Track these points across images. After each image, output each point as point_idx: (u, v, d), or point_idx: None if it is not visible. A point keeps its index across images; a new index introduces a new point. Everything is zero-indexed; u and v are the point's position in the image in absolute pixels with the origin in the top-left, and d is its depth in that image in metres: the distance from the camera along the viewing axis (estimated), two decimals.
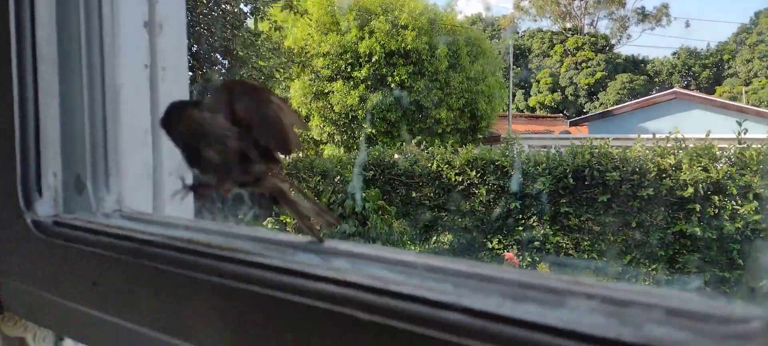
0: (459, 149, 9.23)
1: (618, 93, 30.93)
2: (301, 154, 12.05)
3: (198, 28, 8.67)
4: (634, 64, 34.46)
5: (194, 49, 8.95)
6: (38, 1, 0.71)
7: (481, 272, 0.46)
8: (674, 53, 36.53)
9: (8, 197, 0.73)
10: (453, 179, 8.36)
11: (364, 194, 6.51)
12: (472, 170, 8.30)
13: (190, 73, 8.87)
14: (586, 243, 7.57)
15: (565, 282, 0.43)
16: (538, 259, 7.74)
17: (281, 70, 10.37)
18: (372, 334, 0.44)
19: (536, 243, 7.83)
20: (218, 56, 9.14)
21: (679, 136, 7.37)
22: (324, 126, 12.75)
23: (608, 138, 8.20)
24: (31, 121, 0.72)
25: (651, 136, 7.75)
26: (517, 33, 37.15)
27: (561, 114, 28.77)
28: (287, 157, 10.67)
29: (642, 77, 32.75)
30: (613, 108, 21.63)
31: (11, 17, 0.70)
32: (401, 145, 9.72)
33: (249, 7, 9.56)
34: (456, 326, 0.40)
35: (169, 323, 0.57)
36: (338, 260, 0.52)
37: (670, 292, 0.38)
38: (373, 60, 12.40)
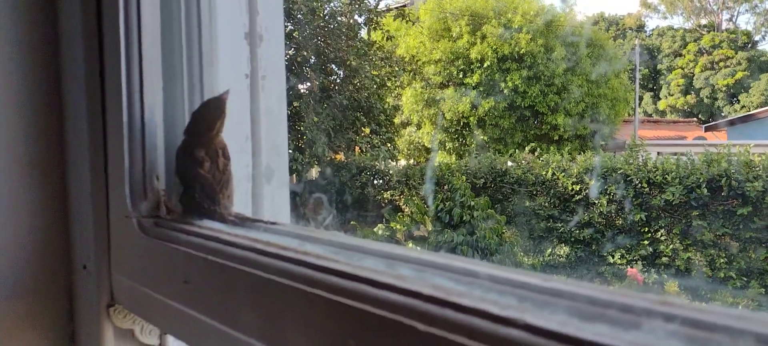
0: (576, 157, 8.80)
1: (762, 95, 27.80)
2: (412, 162, 12.18)
3: (315, 40, 9.07)
4: None
5: (312, 60, 9.36)
6: (144, 10, 0.77)
7: (550, 286, 0.42)
8: None
9: (118, 199, 0.80)
10: (570, 188, 7.97)
11: (472, 203, 6.40)
12: (591, 179, 7.87)
13: (308, 83, 9.30)
14: (722, 261, 6.86)
15: (646, 300, 0.38)
16: (665, 276, 7.14)
17: (393, 79, 10.54)
18: (427, 345, 0.42)
19: (664, 259, 7.24)
20: (333, 67, 9.49)
21: None
22: (435, 133, 12.75)
23: (749, 144, 7.40)
24: (138, 126, 0.78)
25: None
26: (644, 32, 34.76)
27: (695, 118, 26.47)
28: (397, 164, 10.81)
29: None
30: (756, 111, 19.48)
31: (121, 26, 0.77)
32: (514, 152, 9.46)
33: (363, 17, 9.84)
34: (515, 343, 0.37)
35: (237, 320, 0.58)
36: (404, 268, 0.50)
37: (766, 315, 0.32)
38: (485, 65, 12.21)
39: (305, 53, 8.92)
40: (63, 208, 0.92)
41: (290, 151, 8.43)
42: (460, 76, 12.57)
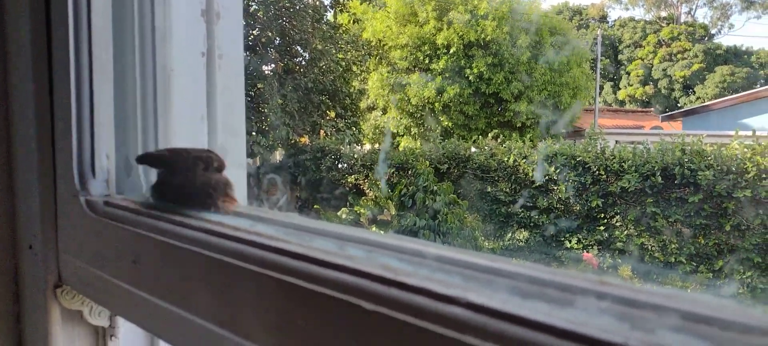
0: (538, 144, 8.96)
1: (717, 86, 28.80)
2: (377, 146, 12.19)
3: (280, 20, 8.93)
4: (737, 56, 31.90)
5: (276, 42, 9.23)
6: None
7: (493, 266, 0.43)
8: None
9: (65, 177, 0.78)
10: (530, 174, 8.13)
11: (435, 187, 6.45)
12: (551, 166, 8.03)
13: (272, 65, 9.18)
14: (674, 246, 7.13)
15: (581, 280, 0.40)
16: (619, 261, 7.38)
17: (359, 63, 10.49)
18: (375, 324, 0.42)
19: (619, 244, 7.47)
20: (298, 49, 9.38)
21: None
22: (401, 118, 12.79)
23: (702, 134, 7.66)
24: (87, 103, 0.76)
25: (750, 133, 7.15)
26: (607, 23, 35.46)
27: (652, 109, 27.22)
28: (362, 148, 10.80)
29: (745, 70, 30.28)
30: (711, 103, 20.17)
31: (69, 3, 0.74)
32: (478, 138, 9.57)
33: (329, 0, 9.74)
34: (457, 321, 0.38)
35: (187, 300, 0.58)
36: (355, 249, 0.51)
37: (695, 295, 0.34)
38: (451, 52, 12.27)
39: (270, 34, 8.78)
40: (8, 186, 0.89)
41: (253, 133, 8.31)
42: (426, 61, 12.61)
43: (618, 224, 7.55)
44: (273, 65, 9.33)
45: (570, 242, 7.75)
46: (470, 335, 0.37)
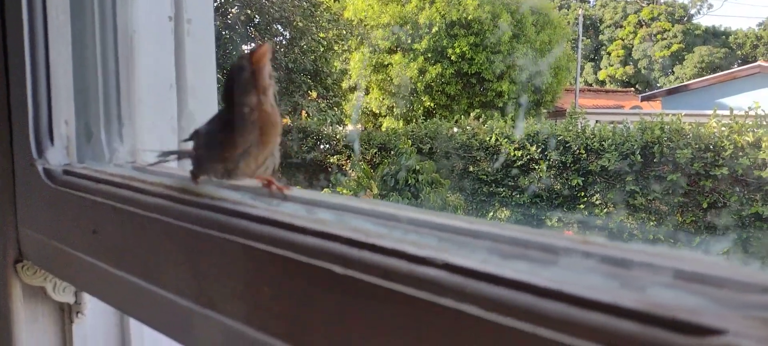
0: (519, 124, 8.98)
1: (696, 67, 29.13)
2: (359, 126, 12.13)
3: None
4: (715, 36, 32.25)
5: (256, 20, 9.08)
6: None
7: (471, 228, 0.40)
8: (760, 24, 33.91)
9: (22, 145, 0.73)
10: (512, 153, 8.15)
11: (417, 166, 6.44)
12: (532, 145, 8.06)
13: (252, 43, 9.02)
14: (652, 224, 7.22)
15: (564, 240, 0.37)
16: (599, 239, 7.45)
17: (341, 42, 10.38)
18: (347, 288, 0.40)
19: (599, 222, 7.55)
20: (279, 27, 9.24)
21: (760, 112, 6.84)
22: (383, 99, 12.72)
23: (681, 113, 7.74)
24: (43, 66, 0.71)
25: (728, 112, 7.23)
26: (588, 3, 35.53)
27: (633, 89, 27.45)
28: (344, 129, 10.74)
29: (723, 50, 30.64)
30: (689, 82, 20.40)
31: None
32: (460, 118, 9.55)
33: None
34: (433, 282, 0.35)
35: (151, 272, 0.54)
36: (325, 212, 0.48)
37: (685, 253, 0.31)
38: (433, 31, 12.19)
39: (249, 12, 8.62)
40: None
41: None
42: (409, 41, 12.51)
43: (598, 202, 7.62)
44: (253, 44, 9.18)
45: (551, 220, 7.81)
46: (447, 296, 0.34)
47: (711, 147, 6.91)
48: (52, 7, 0.71)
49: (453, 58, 12.31)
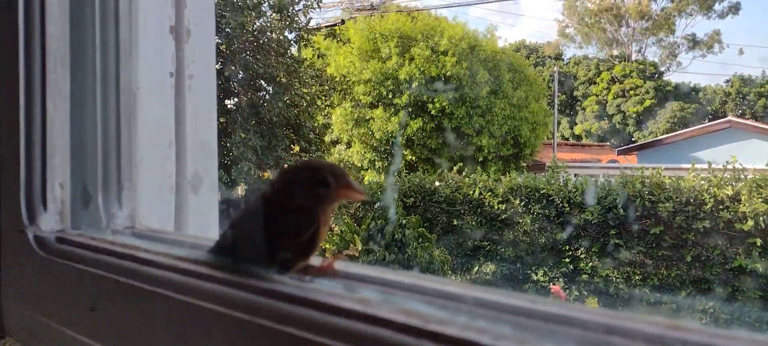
0: (502, 177, 9.02)
1: (668, 122, 29.96)
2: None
3: (244, 55, 8.82)
4: (686, 93, 33.38)
5: (240, 75, 9.10)
6: None
7: (547, 311, 0.35)
8: (727, 81, 35.26)
9: (11, 210, 0.67)
10: (496, 207, 8.15)
11: (403, 221, 6.39)
12: (516, 199, 8.08)
13: (235, 100, 9.02)
14: (637, 277, 7.21)
15: (651, 325, 0.32)
16: (586, 293, 7.41)
17: (323, 98, 10.46)
18: None
19: (585, 276, 7.51)
20: (262, 82, 9.27)
21: (737, 165, 6.98)
22: (365, 152, 12.75)
23: (660, 167, 7.86)
24: (38, 123, 0.66)
25: (706, 165, 7.37)
26: (562, 60, 36.63)
27: (608, 143, 28.03)
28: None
29: (693, 106, 31.66)
30: (663, 137, 20.92)
31: (20, 10, 0.64)
32: (441, 172, 9.59)
33: (294, 34, 9.71)
34: None
35: None
36: (366, 290, 0.42)
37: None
38: (414, 86, 12.38)
39: (233, 68, 8.64)
40: None
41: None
42: (390, 96, 12.67)
43: (582, 256, 7.61)
44: (237, 99, 9.18)
45: (536, 274, 7.75)
46: None
47: (691, 200, 6.99)
48: (51, 59, 0.67)
49: (433, 112, 12.48)
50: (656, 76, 33.19)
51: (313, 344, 0.40)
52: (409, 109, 12.58)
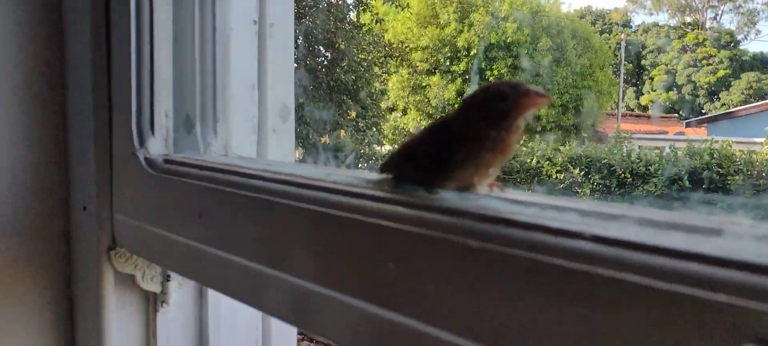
0: (560, 147, 8.86)
1: (743, 93, 28.27)
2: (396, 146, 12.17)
3: (304, 20, 8.96)
4: (763, 63, 31.29)
5: (299, 41, 9.26)
6: None
7: (609, 211, 0.40)
8: None
9: (123, 135, 0.76)
10: (554, 176, 8.04)
11: None
12: (575, 168, 7.94)
13: (295, 65, 9.21)
14: None
15: (717, 222, 0.36)
16: None
17: (380, 64, 10.49)
18: (485, 261, 0.39)
19: None
20: (321, 48, 9.40)
21: None
22: (420, 120, 12.75)
23: (730, 140, 7.51)
24: (147, 60, 0.74)
25: None
26: (630, 27, 35.04)
27: (676, 114, 26.81)
28: (381, 149, 10.77)
29: None
30: (736, 109, 19.81)
31: None
32: None
33: None
34: (584, 254, 0.35)
35: (270, 254, 0.55)
36: (446, 193, 0.48)
37: None
38: (472, 54, 12.22)
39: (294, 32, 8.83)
40: (62, 145, 0.88)
41: None
42: (447, 63, 12.57)
43: None
44: (295, 64, 9.37)
45: None
46: (602, 266, 0.34)
47: (764, 174, 6.67)
48: (157, 4, 0.74)
49: (492, 80, 12.30)
50: (732, 45, 31.25)
51: (398, 232, 0.45)
52: (467, 77, 12.45)
